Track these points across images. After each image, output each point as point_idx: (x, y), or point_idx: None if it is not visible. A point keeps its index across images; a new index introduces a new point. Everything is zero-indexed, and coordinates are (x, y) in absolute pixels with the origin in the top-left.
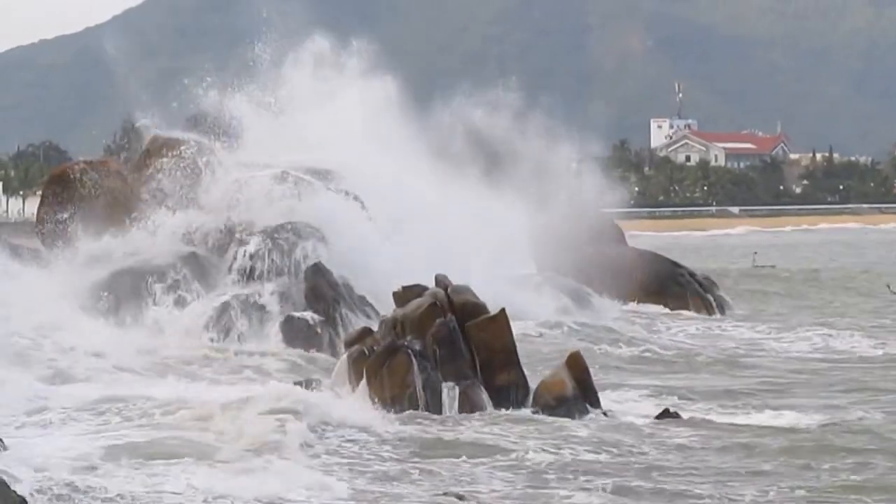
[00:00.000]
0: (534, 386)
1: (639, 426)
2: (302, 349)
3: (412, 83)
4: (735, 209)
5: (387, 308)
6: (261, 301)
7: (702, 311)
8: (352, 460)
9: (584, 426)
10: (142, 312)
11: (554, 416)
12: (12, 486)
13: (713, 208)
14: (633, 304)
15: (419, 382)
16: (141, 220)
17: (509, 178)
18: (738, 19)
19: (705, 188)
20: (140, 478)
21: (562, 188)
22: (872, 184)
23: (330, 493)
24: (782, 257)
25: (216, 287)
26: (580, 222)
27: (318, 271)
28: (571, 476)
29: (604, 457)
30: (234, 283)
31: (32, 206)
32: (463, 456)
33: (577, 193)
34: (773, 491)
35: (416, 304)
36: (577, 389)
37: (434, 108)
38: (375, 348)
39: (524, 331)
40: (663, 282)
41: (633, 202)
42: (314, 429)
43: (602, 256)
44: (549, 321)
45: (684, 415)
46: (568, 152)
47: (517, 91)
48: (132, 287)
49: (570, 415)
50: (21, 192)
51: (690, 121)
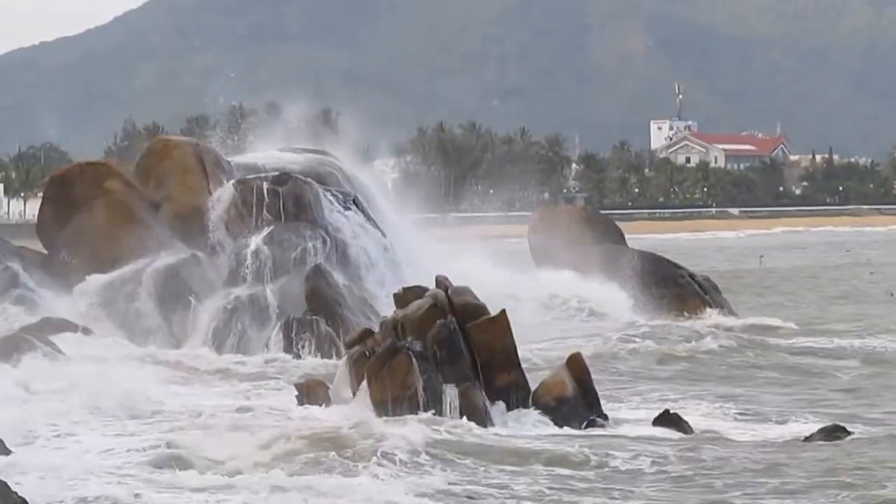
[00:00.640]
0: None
1: None
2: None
3: (412, 83)
4: (735, 210)
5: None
6: (263, 302)
7: (701, 312)
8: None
9: None
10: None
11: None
12: None
13: (713, 209)
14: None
15: (420, 384)
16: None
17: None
18: (739, 20)
19: (705, 189)
20: None
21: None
22: (872, 185)
23: None
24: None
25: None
26: (580, 222)
27: (319, 272)
28: None
29: None
30: (238, 285)
31: (33, 208)
32: None
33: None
34: None
35: (417, 306)
36: (578, 391)
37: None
38: (376, 349)
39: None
40: (663, 282)
41: (633, 203)
42: None
43: (602, 257)
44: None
45: None
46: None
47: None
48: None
49: (570, 416)
50: (22, 194)
51: (690, 122)
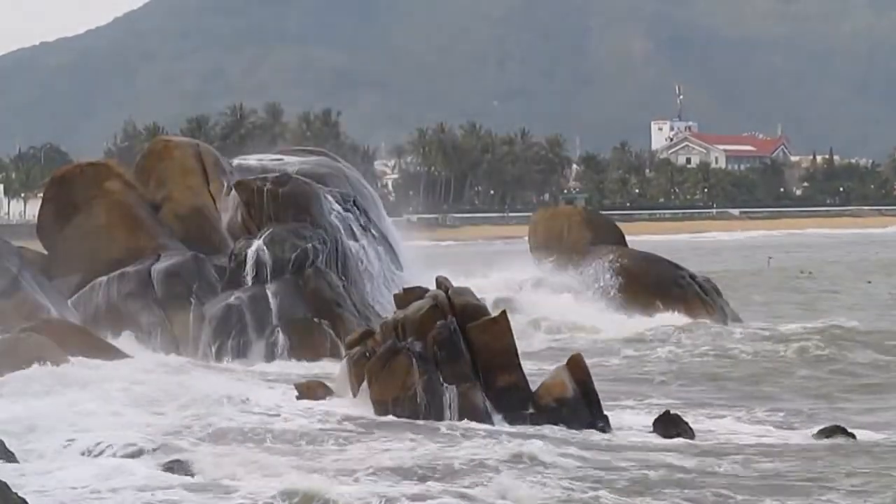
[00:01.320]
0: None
1: None
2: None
3: (413, 84)
4: (735, 211)
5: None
6: (264, 303)
7: (701, 314)
8: None
9: None
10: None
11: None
12: None
13: (713, 210)
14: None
15: (420, 384)
16: None
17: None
18: (739, 22)
19: (706, 190)
20: None
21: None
22: (873, 186)
23: None
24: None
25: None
26: (580, 223)
27: (319, 274)
28: None
29: None
30: (238, 286)
31: (33, 208)
32: None
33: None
34: None
35: (417, 307)
36: (578, 392)
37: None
38: (376, 350)
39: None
40: (664, 283)
41: (634, 204)
42: None
43: (602, 258)
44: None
45: None
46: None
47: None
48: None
49: (571, 418)
50: (22, 194)
51: (691, 123)
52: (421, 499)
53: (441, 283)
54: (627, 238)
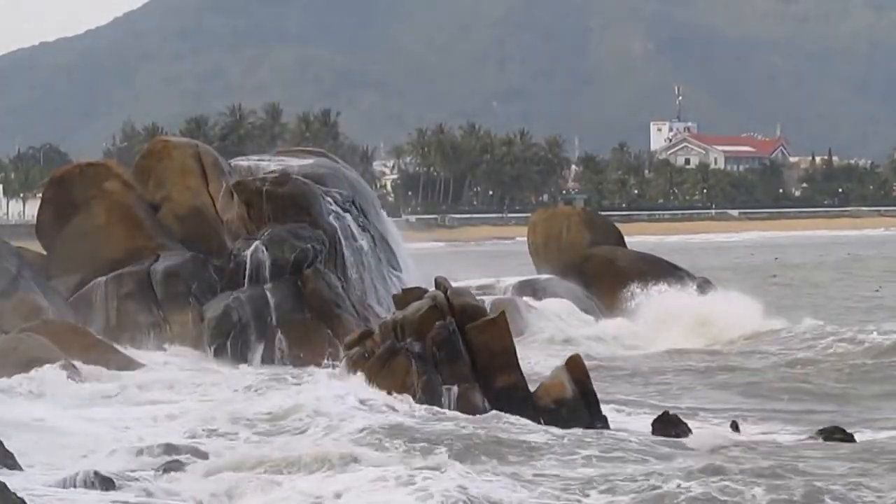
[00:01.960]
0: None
1: None
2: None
3: (412, 84)
4: (734, 212)
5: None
6: (263, 304)
7: None
8: None
9: None
10: None
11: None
12: None
13: (713, 211)
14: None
15: (419, 385)
16: None
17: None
18: (739, 22)
19: (705, 191)
20: None
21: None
22: (872, 187)
23: None
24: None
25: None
26: (579, 224)
27: (318, 274)
28: None
29: None
30: (237, 286)
31: (32, 209)
32: None
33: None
34: None
35: (416, 307)
36: (577, 392)
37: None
38: (375, 351)
39: None
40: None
41: (633, 204)
42: None
43: (602, 259)
44: None
45: None
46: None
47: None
48: None
49: (570, 418)
50: (21, 195)
51: (690, 123)
52: None
53: (440, 284)
54: (626, 239)
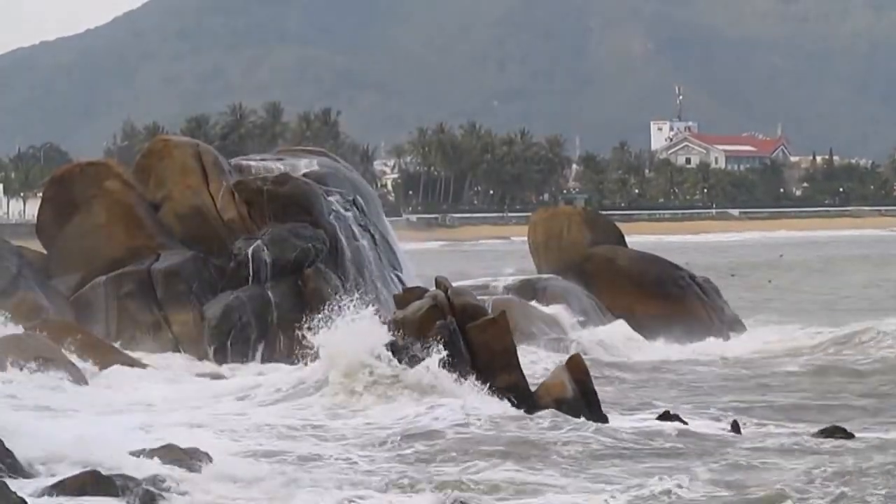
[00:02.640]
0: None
1: None
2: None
3: (412, 85)
4: (735, 211)
5: None
6: (264, 303)
7: (701, 316)
8: None
9: None
10: None
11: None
12: None
13: (713, 210)
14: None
15: None
16: None
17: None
18: (739, 22)
19: (705, 190)
20: None
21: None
22: (872, 186)
23: None
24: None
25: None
26: (580, 224)
27: (319, 274)
28: None
29: None
30: (238, 286)
31: (33, 208)
32: None
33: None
34: None
35: (417, 307)
36: (577, 392)
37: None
38: None
39: None
40: (663, 284)
41: (633, 204)
42: None
43: (602, 258)
44: None
45: None
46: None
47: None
48: None
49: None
50: (21, 194)
51: (691, 123)
52: None
53: (440, 283)
54: (627, 238)
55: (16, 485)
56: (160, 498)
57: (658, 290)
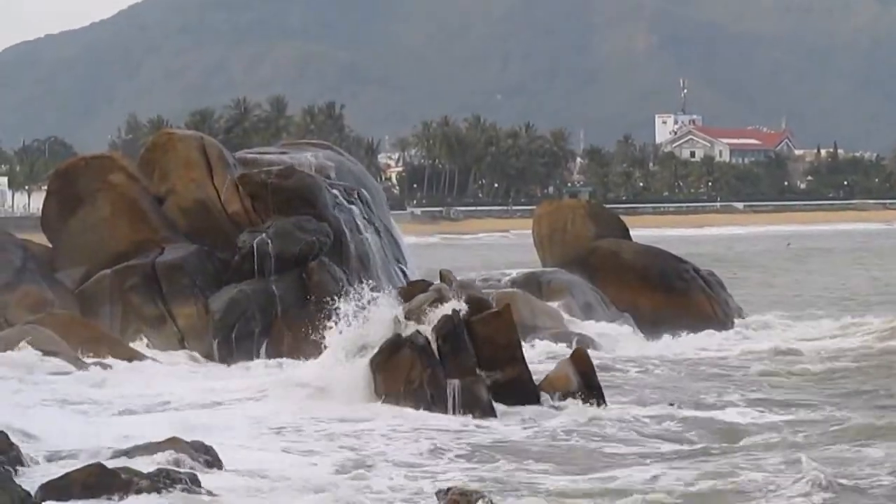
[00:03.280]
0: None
1: None
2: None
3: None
4: (740, 205)
5: None
6: (268, 297)
7: (705, 308)
8: None
9: None
10: None
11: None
12: None
13: (718, 204)
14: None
15: (424, 378)
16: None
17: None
18: (742, 17)
19: (710, 184)
20: None
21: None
22: (877, 179)
23: None
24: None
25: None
26: (584, 217)
27: (323, 267)
28: None
29: None
30: (242, 279)
31: (38, 201)
32: None
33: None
34: None
35: (421, 300)
36: (582, 385)
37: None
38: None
39: None
40: (667, 278)
41: (638, 197)
42: None
43: (607, 251)
44: None
45: None
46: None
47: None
48: None
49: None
50: (26, 187)
51: (695, 116)
52: None
53: (445, 277)
54: (631, 232)
55: (20, 477)
56: (164, 491)
57: (662, 284)
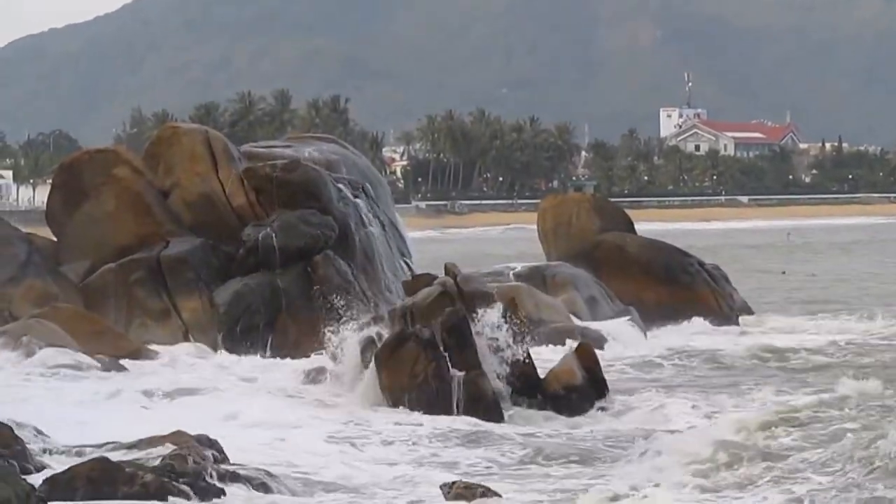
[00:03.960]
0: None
1: None
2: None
3: (420, 74)
4: (744, 198)
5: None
6: (273, 290)
7: (710, 302)
8: None
9: None
10: None
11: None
12: None
13: (722, 197)
14: None
15: (429, 371)
16: None
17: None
18: (747, 11)
19: (714, 177)
20: None
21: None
22: (881, 173)
23: None
24: None
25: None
26: (589, 211)
27: (328, 260)
28: None
29: None
30: (247, 272)
31: (42, 195)
32: None
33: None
34: None
35: (426, 293)
36: (587, 379)
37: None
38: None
39: None
40: (672, 271)
41: (643, 191)
42: None
43: (611, 245)
44: None
45: None
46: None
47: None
48: None
49: (579, 405)
50: (31, 181)
51: (700, 110)
52: None
53: (449, 270)
54: (636, 225)
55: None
56: (169, 484)
57: (667, 277)
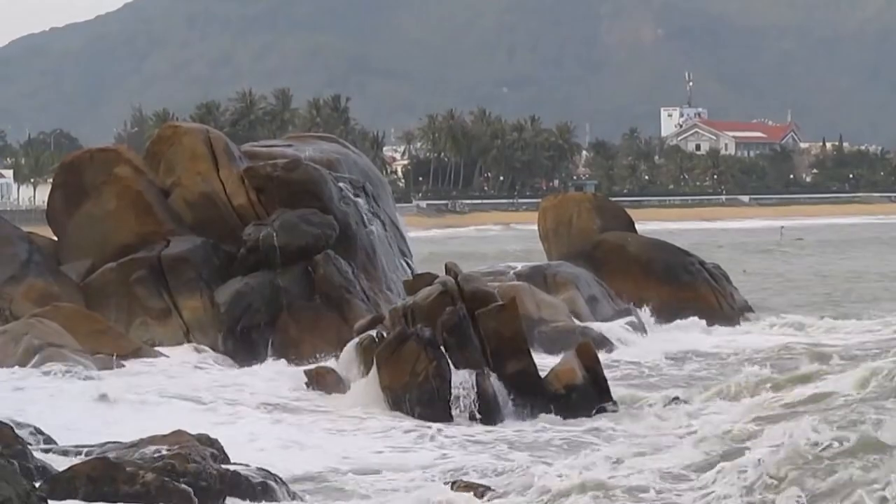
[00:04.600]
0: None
1: None
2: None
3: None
4: (745, 198)
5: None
6: (274, 290)
7: (710, 302)
8: None
9: None
10: None
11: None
12: None
13: (723, 197)
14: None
15: (429, 371)
16: None
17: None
18: (749, 9)
19: (715, 177)
20: None
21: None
22: (882, 172)
23: None
24: None
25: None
26: (589, 210)
27: (329, 259)
28: None
29: None
30: (248, 272)
31: (43, 194)
32: None
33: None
34: None
35: (427, 293)
36: (587, 378)
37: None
38: (385, 336)
39: None
40: (673, 271)
41: (643, 190)
42: None
43: (612, 245)
44: None
45: None
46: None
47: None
48: None
49: (580, 404)
50: (32, 180)
51: (701, 109)
52: None
53: (450, 270)
54: (637, 225)
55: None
56: (169, 483)
57: (668, 277)
